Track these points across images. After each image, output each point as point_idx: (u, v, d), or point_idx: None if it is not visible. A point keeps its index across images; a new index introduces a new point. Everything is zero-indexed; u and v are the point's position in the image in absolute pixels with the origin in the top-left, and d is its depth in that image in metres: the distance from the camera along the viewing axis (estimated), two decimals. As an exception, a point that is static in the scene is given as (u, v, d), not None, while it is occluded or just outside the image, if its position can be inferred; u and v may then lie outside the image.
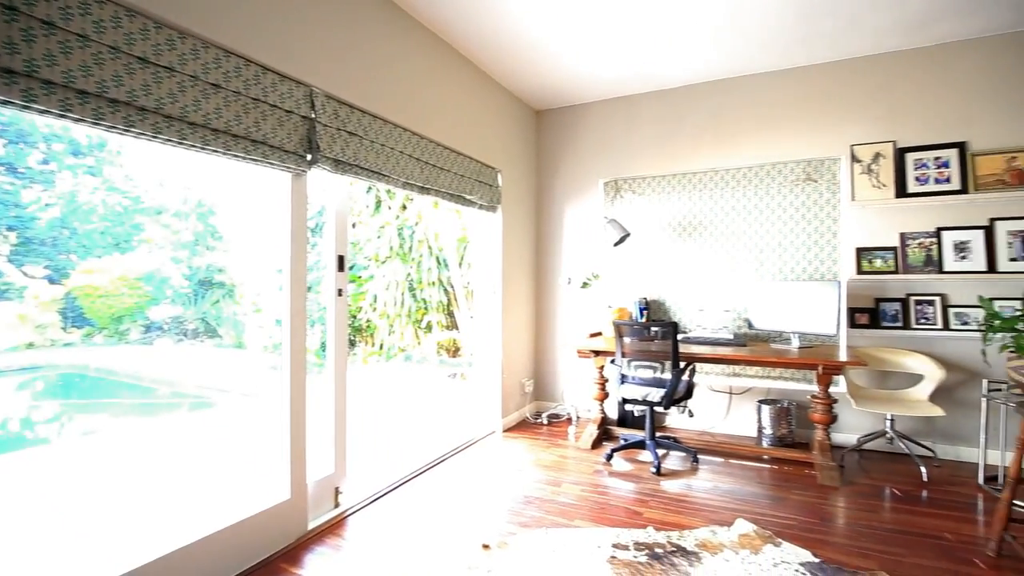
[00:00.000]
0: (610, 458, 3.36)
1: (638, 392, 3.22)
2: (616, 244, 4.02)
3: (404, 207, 5.63)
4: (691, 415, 4.03)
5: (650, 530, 2.40)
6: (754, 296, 3.66)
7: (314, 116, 2.31)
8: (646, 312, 4.06)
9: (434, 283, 5.66)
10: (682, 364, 3.19)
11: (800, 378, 3.68)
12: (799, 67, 3.76)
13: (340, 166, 2.46)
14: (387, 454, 3.42)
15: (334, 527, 2.46)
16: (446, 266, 5.65)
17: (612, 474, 3.15)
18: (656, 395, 3.15)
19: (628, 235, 3.97)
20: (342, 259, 2.61)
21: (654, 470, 3.14)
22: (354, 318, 5.69)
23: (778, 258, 3.80)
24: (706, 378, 3.94)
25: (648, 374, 3.24)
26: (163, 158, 3.21)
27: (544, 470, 3.21)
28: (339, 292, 2.60)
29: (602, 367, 3.74)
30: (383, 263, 5.67)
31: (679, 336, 3.50)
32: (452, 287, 5.69)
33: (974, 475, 3.07)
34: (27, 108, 1.47)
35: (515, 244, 4.29)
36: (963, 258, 3.33)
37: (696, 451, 3.43)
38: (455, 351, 5.94)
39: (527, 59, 3.64)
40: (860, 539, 2.34)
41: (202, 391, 3.86)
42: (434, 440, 3.58)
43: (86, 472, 2.75)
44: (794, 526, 2.46)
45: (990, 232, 3.29)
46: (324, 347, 2.64)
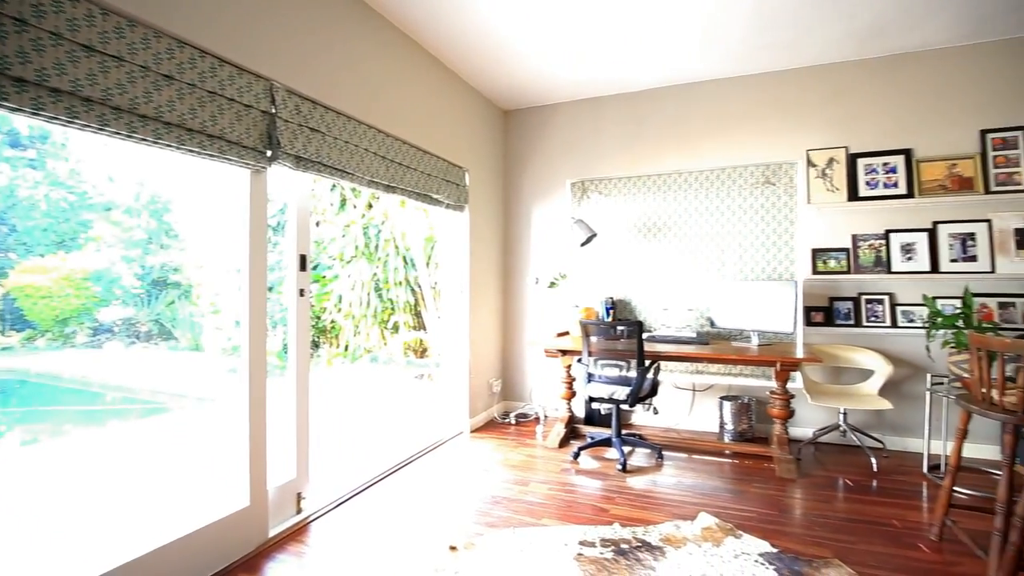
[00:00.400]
0: (577, 456, 3.38)
1: (604, 390, 3.26)
2: (583, 244, 4.06)
3: (370, 206, 5.53)
4: (656, 412, 4.12)
5: (616, 526, 2.43)
6: (716, 295, 3.76)
7: (275, 111, 2.25)
8: (612, 311, 4.11)
9: (401, 283, 5.58)
10: (647, 362, 3.24)
11: (760, 375, 3.80)
12: (758, 74, 3.89)
13: (302, 163, 2.40)
14: (352, 457, 3.35)
15: (296, 534, 2.40)
16: (413, 266, 5.59)
17: (579, 472, 3.18)
18: (622, 393, 3.19)
19: (595, 235, 4.01)
20: (304, 258, 2.55)
21: (620, 467, 3.18)
22: (318, 319, 5.56)
23: (739, 258, 3.91)
24: (670, 376, 4.02)
25: (614, 372, 3.28)
26: (113, 152, 3.06)
27: (512, 470, 3.21)
28: (301, 292, 2.53)
29: (569, 366, 3.77)
30: (348, 263, 5.56)
31: (644, 335, 3.56)
32: (419, 287, 5.63)
33: (919, 464, 3.23)
34: (-43, 96, 1.37)
35: (483, 244, 4.28)
36: (909, 259, 3.51)
37: (661, 447, 3.50)
38: (422, 352, 5.88)
39: (495, 59, 3.64)
40: (815, 528, 2.43)
41: (156, 396, 3.69)
42: (401, 442, 3.53)
43: (25, 484, 2.59)
44: (754, 518, 2.54)
45: (933, 234, 3.48)
46: (286, 349, 2.57)
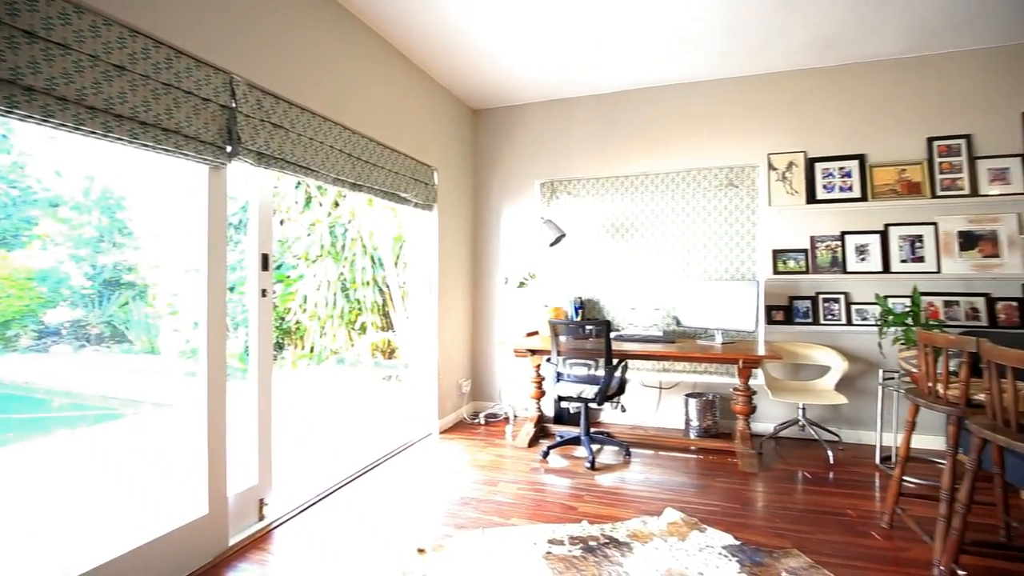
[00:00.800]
0: (546, 455, 3.40)
1: (573, 389, 3.29)
2: (552, 244, 4.08)
3: (336, 204, 5.42)
4: (624, 410, 4.17)
5: (584, 524, 2.45)
6: (682, 295, 3.84)
7: (235, 105, 2.17)
8: (581, 311, 4.15)
9: (368, 283, 5.49)
10: (615, 361, 3.28)
11: (723, 372, 3.90)
12: (723, 79, 3.99)
13: (264, 159, 2.33)
14: (318, 461, 3.28)
15: (258, 541, 2.33)
16: (381, 265, 5.50)
17: (548, 471, 3.19)
18: (590, 392, 3.22)
19: (564, 235, 4.04)
20: (266, 258, 2.47)
21: (589, 465, 3.21)
22: (282, 320, 5.41)
23: (703, 259, 4.00)
24: (638, 374, 4.08)
25: (583, 371, 3.31)
26: (60, 145, 2.90)
27: (481, 470, 3.20)
28: (263, 293, 2.46)
29: (538, 366, 3.79)
30: (313, 262, 5.43)
31: (612, 334, 3.61)
32: (387, 287, 5.55)
33: (872, 456, 3.38)
34: None
35: (452, 243, 4.25)
36: (863, 260, 3.66)
37: (629, 445, 3.55)
38: (390, 353, 5.80)
39: (465, 58, 3.62)
40: (775, 520, 2.51)
41: (107, 402, 3.52)
42: (368, 445, 3.48)
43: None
44: (718, 512, 2.60)
45: (885, 236, 3.64)
46: (248, 351, 2.49)
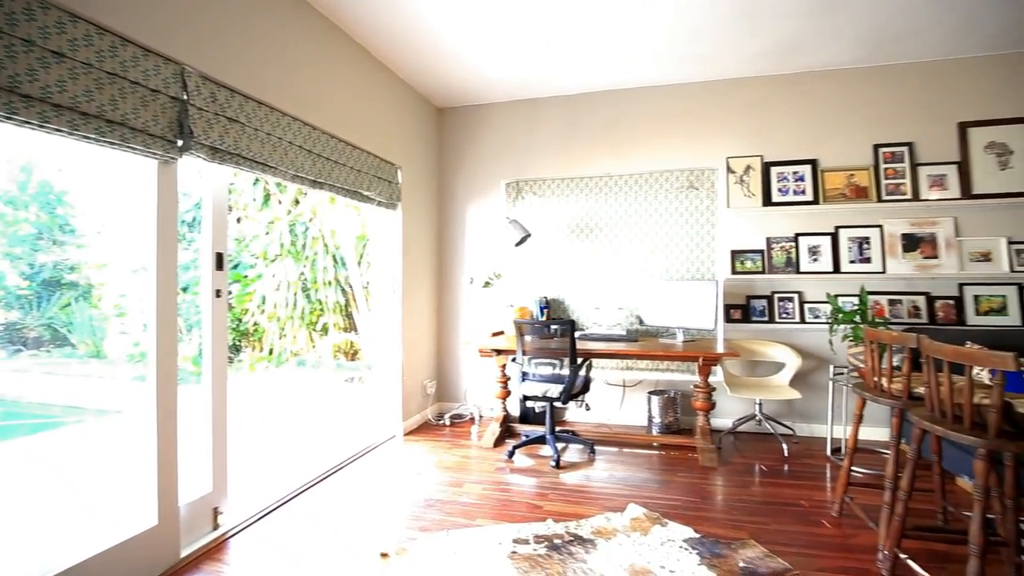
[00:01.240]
0: (512, 455, 3.40)
1: (538, 389, 3.30)
2: (517, 244, 4.09)
3: (297, 202, 5.27)
4: (588, 408, 4.22)
5: (549, 522, 2.46)
6: (645, 294, 3.91)
7: (186, 98, 2.08)
8: (546, 311, 4.17)
9: (330, 283, 5.36)
10: (580, 360, 3.32)
11: (684, 369, 3.99)
12: (684, 84, 4.08)
13: (218, 154, 2.24)
14: (277, 467, 3.18)
15: (213, 552, 2.24)
16: (344, 265, 5.38)
17: (514, 470, 3.20)
18: (555, 391, 3.24)
19: (529, 235, 4.05)
20: (221, 257, 2.38)
21: (554, 463, 3.23)
22: (239, 321, 5.23)
23: (665, 259, 4.09)
24: (602, 373, 4.13)
25: (548, 371, 3.33)
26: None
27: (446, 471, 3.18)
28: (218, 293, 2.37)
29: (504, 365, 3.79)
30: (272, 261, 5.26)
31: (577, 333, 3.64)
32: (350, 287, 5.44)
33: (824, 448, 3.52)
34: None
35: (416, 242, 4.20)
36: (815, 260, 3.82)
37: (593, 443, 3.59)
38: (353, 354, 5.68)
39: (430, 55, 3.58)
40: (733, 512, 2.59)
41: (48, 409, 3.32)
42: (330, 448, 3.40)
43: None
44: (679, 506, 2.66)
45: (836, 238, 3.81)
46: (202, 354, 2.39)
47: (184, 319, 4.37)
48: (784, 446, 3.51)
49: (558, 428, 3.78)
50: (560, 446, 3.58)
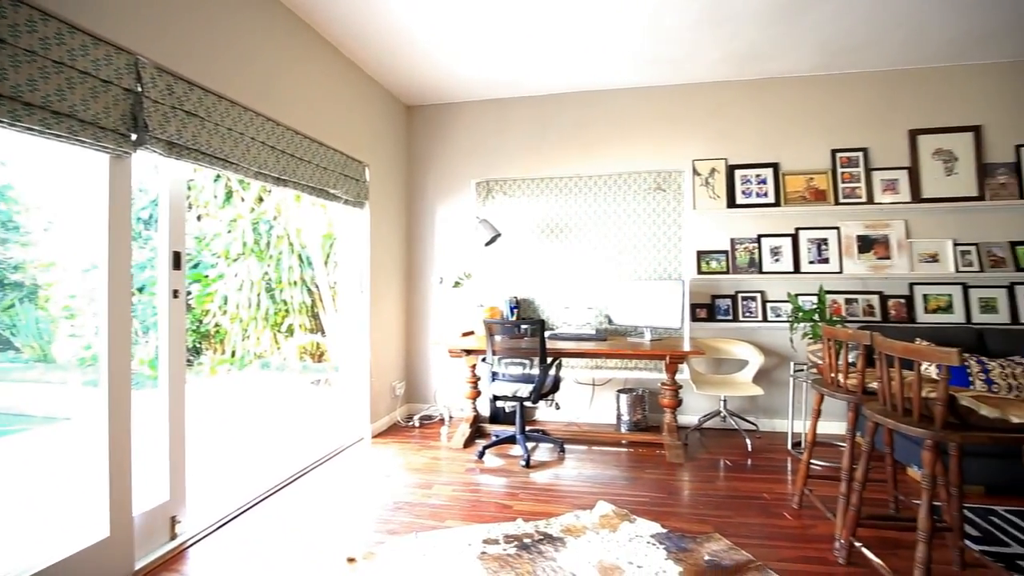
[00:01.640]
0: (482, 455, 3.39)
1: (508, 388, 3.30)
2: (487, 244, 4.07)
3: (260, 199, 5.12)
4: (558, 407, 4.25)
5: (519, 522, 2.46)
6: (613, 294, 3.96)
7: (141, 90, 2.00)
8: (516, 311, 4.17)
9: (296, 283, 5.23)
10: (549, 360, 3.33)
11: (652, 368, 4.06)
12: (652, 87, 4.15)
13: (175, 149, 2.16)
14: (240, 472, 3.09)
15: (170, 562, 2.15)
16: (310, 264, 5.26)
17: (484, 471, 3.19)
18: (525, 390, 3.25)
19: (499, 235, 4.05)
20: (179, 256, 2.29)
21: (524, 463, 3.24)
22: (200, 322, 5.05)
23: (633, 259, 4.15)
24: (572, 372, 4.17)
25: (518, 370, 3.33)
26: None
27: (415, 473, 3.14)
28: (175, 294, 2.28)
29: (474, 366, 3.77)
30: (235, 260, 5.10)
31: (547, 333, 3.66)
32: (317, 287, 5.32)
33: (785, 442, 3.64)
34: None
35: (385, 242, 4.15)
36: (777, 260, 3.94)
37: (563, 441, 3.61)
38: (320, 356, 5.56)
39: (399, 51, 3.53)
40: (699, 507, 2.64)
41: (-12, 417, 3.13)
42: (295, 452, 3.32)
43: None
44: (647, 502, 2.70)
45: (796, 239, 3.94)
46: (158, 357, 2.29)
47: (140, 321, 4.19)
48: (748, 441, 3.61)
49: (528, 427, 3.79)
50: (530, 445, 3.59)
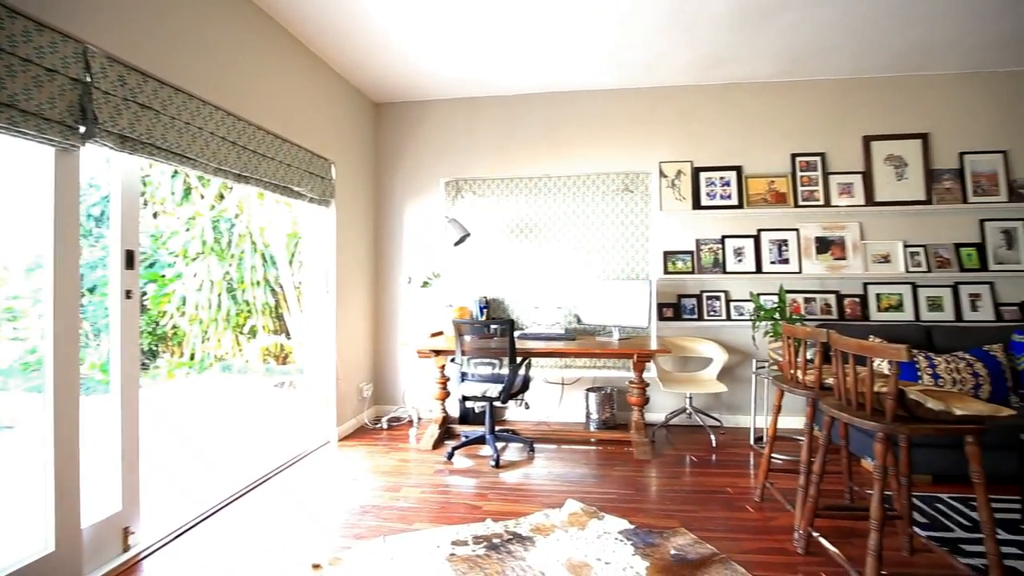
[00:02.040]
0: (451, 456, 3.37)
1: (478, 389, 3.29)
2: (457, 244, 4.05)
3: (221, 196, 4.95)
4: (527, 407, 4.26)
5: (488, 522, 2.45)
6: (582, 294, 4.00)
7: (90, 80, 1.90)
8: (486, 311, 4.16)
9: (259, 283, 5.08)
10: (519, 359, 3.33)
11: (620, 366, 4.11)
12: (620, 89, 4.20)
13: (128, 143, 2.06)
14: (199, 479, 2.98)
15: None
16: (273, 264, 5.12)
17: (453, 472, 3.16)
18: (495, 390, 3.24)
19: (468, 235, 4.03)
20: (132, 254, 2.20)
21: (493, 463, 3.23)
22: (156, 324, 4.85)
23: (602, 259, 4.19)
24: (541, 371, 4.18)
25: (487, 370, 3.32)
26: None
27: (383, 476, 3.10)
28: (128, 294, 2.18)
29: (443, 366, 3.74)
30: (193, 260, 4.92)
31: (516, 333, 3.66)
32: (281, 287, 5.19)
33: (747, 437, 3.74)
34: None
35: (351, 241, 4.07)
36: (740, 261, 4.05)
37: (533, 441, 3.62)
38: (284, 358, 5.42)
39: (366, 47, 3.47)
40: (665, 503, 2.69)
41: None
42: (258, 457, 3.22)
43: None
44: (615, 499, 2.73)
45: (758, 240, 4.05)
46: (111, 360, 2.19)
47: (91, 322, 4.00)
48: (712, 437, 3.70)
49: (498, 427, 3.79)
50: (500, 445, 3.58)
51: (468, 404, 3.66)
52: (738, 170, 4.07)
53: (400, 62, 3.70)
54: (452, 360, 3.48)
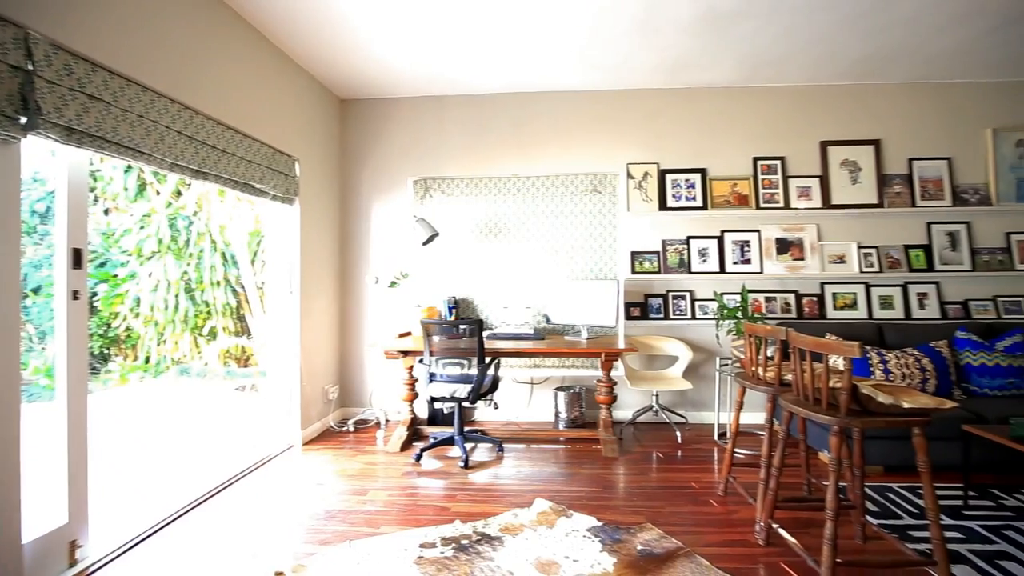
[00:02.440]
0: (419, 458, 3.33)
1: (446, 389, 3.26)
2: (425, 243, 4.01)
3: (179, 193, 4.77)
4: (496, 407, 4.25)
5: (457, 523, 2.43)
6: (551, 293, 4.02)
7: (32, 68, 1.80)
8: (455, 311, 4.14)
9: (219, 283, 4.91)
10: (488, 359, 3.32)
11: (589, 365, 4.15)
12: (589, 91, 4.24)
13: (75, 136, 1.96)
14: (154, 488, 2.86)
15: (69, 590, 1.95)
16: (235, 263, 4.96)
17: (421, 474, 3.13)
18: (463, 391, 3.22)
19: (437, 235, 3.99)
20: (79, 253, 2.09)
21: (462, 464, 3.21)
22: (108, 326, 4.63)
23: (570, 259, 4.22)
24: (510, 371, 4.18)
25: (456, 371, 3.30)
26: None
27: (349, 480, 3.04)
28: (75, 295, 2.07)
29: (411, 367, 3.70)
30: (148, 259, 4.71)
31: (485, 333, 3.65)
32: (243, 287, 5.03)
33: (712, 433, 3.83)
34: None
35: (317, 240, 3.98)
36: (704, 261, 4.14)
37: (502, 441, 3.61)
38: (245, 360, 5.25)
39: (331, 41, 3.39)
40: (633, 499, 2.73)
41: None
42: (218, 463, 3.11)
43: None
44: (583, 497, 2.75)
45: (721, 241, 4.16)
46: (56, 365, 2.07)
47: (36, 325, 3.79)
48: (678, 434, 3.77)
49: (467, 428, 3.77)
50: (469, 446, 3.56)
51: (437, 405, 3.62)
52: (703, 172, 4.17)
53: (367, 57, 3.64)
54: (420, 361, 3.44)
